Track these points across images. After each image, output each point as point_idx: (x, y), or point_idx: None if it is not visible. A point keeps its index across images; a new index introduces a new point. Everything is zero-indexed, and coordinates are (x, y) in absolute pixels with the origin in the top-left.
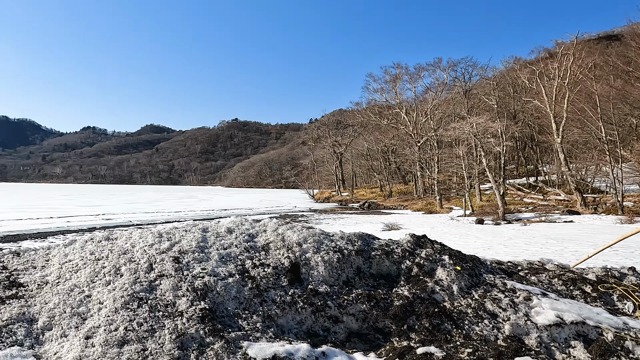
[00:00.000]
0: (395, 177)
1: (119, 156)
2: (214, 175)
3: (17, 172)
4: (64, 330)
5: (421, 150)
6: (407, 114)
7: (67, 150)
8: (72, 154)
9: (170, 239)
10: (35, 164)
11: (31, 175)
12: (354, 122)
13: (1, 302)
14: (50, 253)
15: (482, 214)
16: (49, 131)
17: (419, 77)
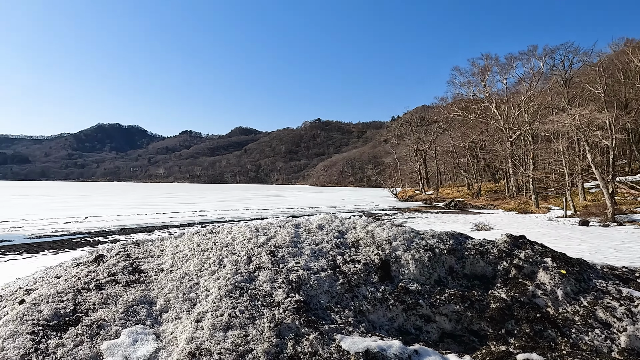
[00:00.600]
0: (484, 175)
1: (212, 157)
2: (298, 174)
3: (128, 173)
4: (177, 313)
5: (514, 145)
6: (497, 108)
7: (168, 152)
8: (172, 156)
9: (266, 233)
10: (142, 165)
11: (139, 175)
12: (438, 118)
13: (127, 285)
14: (164, 244)
15: (587, 215)
16: (154, 136)
17: (510, 68)
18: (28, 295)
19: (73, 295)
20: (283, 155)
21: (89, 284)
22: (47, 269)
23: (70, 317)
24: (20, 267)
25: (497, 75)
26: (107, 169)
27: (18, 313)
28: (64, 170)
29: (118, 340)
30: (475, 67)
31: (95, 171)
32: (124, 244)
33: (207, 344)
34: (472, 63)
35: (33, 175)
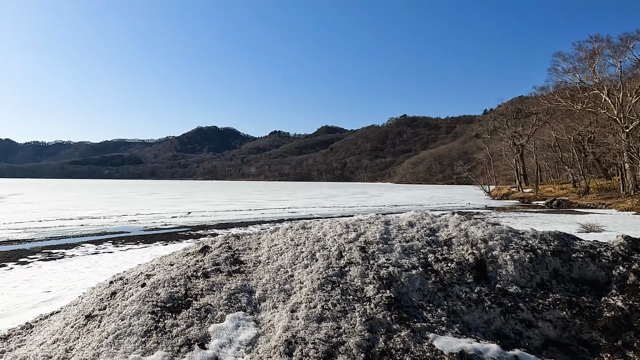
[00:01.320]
0: (592, 171)
1: (300, 156)
2: (384, 171)
3: (223, 172)
4: (274, 303)
5: (631, 137)
6: (609, 95)
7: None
8: (262, 156)
9: (356, 230)
10: (236, 164)
11: (233, 174)
12: (537, 110)
13: (229, 274)
14: (260, 237)
15: None
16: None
17: (626, 49)
18: (148, 279)
19: (184, 281)
20: (368, 153)
21: (197, 272)
22: (162, 257)
23: (183, 300)
24: (138, 255)
25: (608, 59)
26: (205, 168)
27: (140, 295)
28: (169, 170)
29: (223, 324)
30: (582, 51)
31: (196, 170)
32: (225, 237)
33: (302, 333)
34: (579, 47)
35: (145, 175)
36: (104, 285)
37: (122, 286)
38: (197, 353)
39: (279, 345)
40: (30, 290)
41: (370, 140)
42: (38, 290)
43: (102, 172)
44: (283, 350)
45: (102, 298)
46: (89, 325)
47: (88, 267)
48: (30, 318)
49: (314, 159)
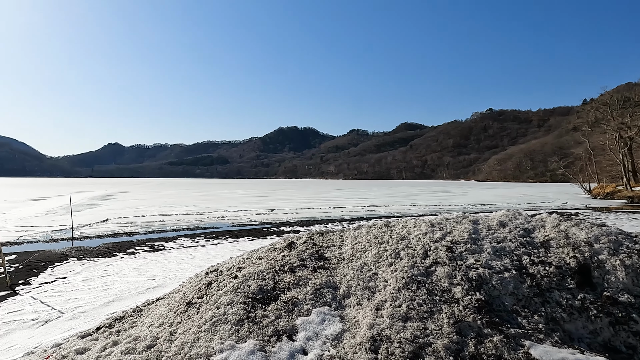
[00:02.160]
0: None
1: (378, 154)
2: (467, 169)
3: (303, 171)
4: (358, 300)
5: None
6: None
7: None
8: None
9: (442, 229)
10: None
11: (313, 172)
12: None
13: (314, 270)
14: (344, 235)
15: None
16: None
17: None
18: (239, 272)
19: (272, 275)
20: (450, 150)
21: (284, 267)
22: (252, 251)
23: (271, 293)
24: (227, 249)
25: None
26: (286, 167)
27: (233, 286)
28: (253, 169)
29: (309, 318)
30: None
31: (277, 169)
32: (310, 234)
33: (387, 331)
34: None
35: (231, 174)
36: (200, 275)
37: (217, 277)
38: (285, 344)
39: (365, 342)
40: (137, 277)
41: (452, 137)
42: (144, 278)
43: (194, 171)
44: (368, 347)
45: (199, 287)
46: (189, 311)
47: (185, 258)
48: (139, 302)
49: (393, 156)
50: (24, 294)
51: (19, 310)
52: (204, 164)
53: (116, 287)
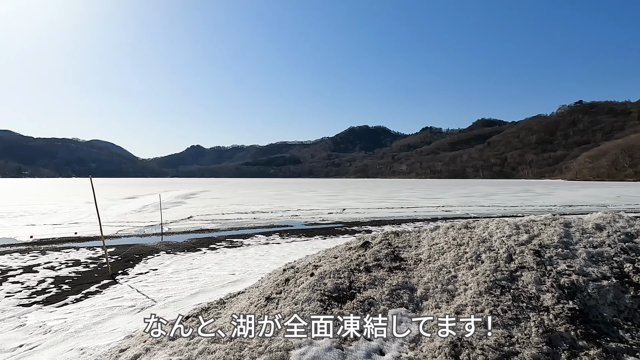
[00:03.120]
0: None
1: (453, 152)
2: (553, 167)
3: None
4: (437, 302)
5: None
6: None
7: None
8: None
9: (528, 231)
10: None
11: (384, 172)
12: None
13: (390, 270)
14: (420, 235)
15: None
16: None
17: None
18: (315, 270)
19: (348, 274)
20: (533, 147)
21: (359, 266)
22: (327, 250)
23: (347, 292)
24: (301, 247)
25: None
26: (357, 167)
27: (310, 283)
28: (324, 168)
29: (386, 318)
30: None
31: (348, 169)
32: (385, 234)
33: (468, 336)
34: None
35: (303, 174)
36: (278, 272)
37: (294, 274)
38: (362, 343)
39: (444, 346)
40: (219, 272)
41: (535, 132)
42: (225, 273)
43: (268, 171)
44: (448, 352)
45: (277, 283)
46: (268, 306)
47: (262, 255)
48: (222, 295)
49: (468, 154)
50: (122, 283)
51: (119, 298)
52: (277, 164)
53: (201, 280)
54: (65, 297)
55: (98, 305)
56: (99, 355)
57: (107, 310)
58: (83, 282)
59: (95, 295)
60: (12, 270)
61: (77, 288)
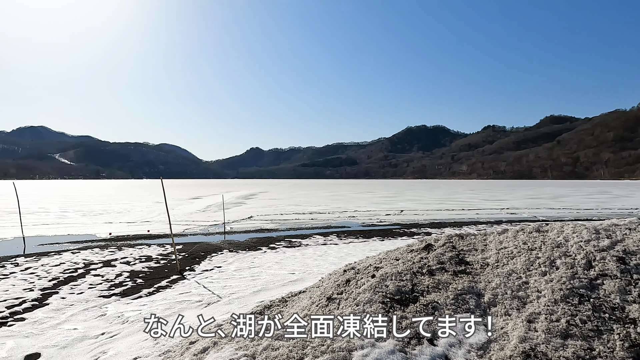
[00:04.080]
0: None
1: (518, 151)
2: (633, 166)
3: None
4: (506, 310)
5: None
6: None
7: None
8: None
9: (609, 236)
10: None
11: (443, 172)
12: None
13: (454, 274)
14: (486, 239)
15: None
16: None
17: None
18: (376, 271)
19: (410, 276)
20: (610, 144)
21: (422, 269)
22: (388, 251)
23: (409, 294)
24: (359, 248)
25: None
26: (415, 167)
27: (371, 285)
28: (381, 169)
29: (451, 323)
30: None
31: (405, 169)
32: (449, 236)
33: (543, 347)
34: None
35: (360, 174)
36: (338, 272)
37: (355, 275)
38: (426, 348)
39: (515, 355)
40: (279, 271)
41: (613, 129)
42: (285, 272)
43: (324, 172)
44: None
45: (338, 284)
46: (329, 306)
47: (320, 255)
48: (283, 293)
49: (535, 154)
50: (190, 279)
51: (187, 292)
52: (334, 165)
53: (262, 278)
54: (139, 290)
55: (169, 299)
56: (171, 346)
57: (177, 304)
58: (155, 276)
59: (165, 289)
60: (94, 264)
61: (149, 282)
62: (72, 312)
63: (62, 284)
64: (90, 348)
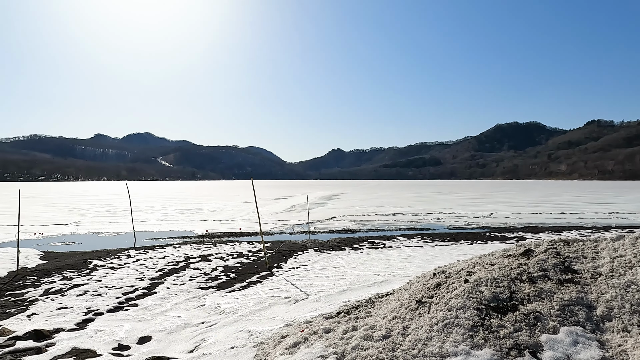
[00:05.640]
0: None
1: (629, 149)
2: None
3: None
4: (624, 325)
5: None
6: None
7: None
8: (575, 151)
9: None
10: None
11: (538, 173)
12: None
13: (560, 283)
14: (598, 246)
15: None
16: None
17: None
18: (469, 276)
19: (507, 283)
20: None
21: (521, 275)
22: (481, 256)
23: (507, 302)
24: (446, 252)
25: None
26: (505, 167)
27: (464, 290)
28: (467, 170)
29: (557, 336)
30: None
31: (495, 170)
32: (552, 242)
33: None
34: None
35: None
36: (428, 276)
37: (445, 279)
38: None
39: None
40: (364, 272)
41: None
42: (370, 273)
43: (407, 173)
44: None
45: (428, 287)
46: (419, 309)
47: (405, 258)
48: (369, 294)
49: None
50: (278, 276)
51: (276, 289)
52: (416, 165)
53: (347, 278)
54: (233, 284)
55: (259, 294)
56: (264, 338)
57: (267, 299)
58: (246, 272)
59: (256, 284)
60: (193, 258)
61: (241, 277)
62: (175, 301)
63: (167, 275)
64: (192, 335)
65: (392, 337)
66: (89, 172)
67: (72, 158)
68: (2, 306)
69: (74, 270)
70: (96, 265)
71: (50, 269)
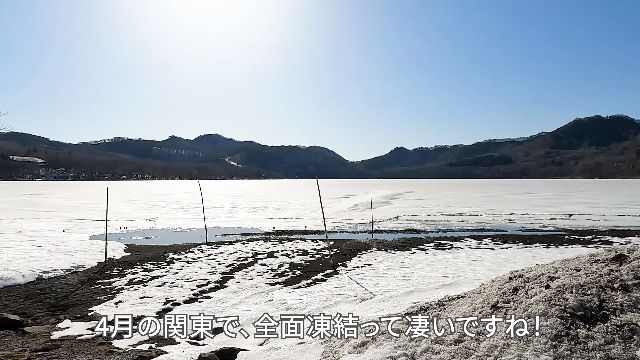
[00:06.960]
0: None
1: None
2: None
3: (610, 169)
4: None
5: None
6: None
7: None
8: None
9: None
10: (628, 159)
11: (625, 171)
12: None
13: None
14: None
15: None
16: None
17: None
18: (551, 281)
19: (596, 291)
20: None
21: (612, 283)
22: (564, 260)
23: (597, 312)
24: (519, 255)
25: None
26: (585, 165)
27: (545, 296)
28: (541, 168)
29: None
30: None
31: (573, 168)
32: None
33: None
34: None
35: (515, 174)
36: (503, 279)
37: (523, 284)
38: None
39: None
40: (431, 273)
41: None
42: (437, 275)
43: (474, 172)
44: None
45: (504, 292)
46: (495, 315)
47: (474, 260)
48: (437, 296)
49: None
50: (342, 274)
51: (341, 287)
52: (485, 164)
53: (414, 279)
54: (298, 281)
55: (325, 292)
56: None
57: (333, 297)
58: (311, 269)
59: (321, 282)
60: (260, 254)
61: (307, 274)
62: (245, 295)
63: (236, 270)
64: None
65: (464, 342)
66: (165, 171)
67: (149, 159)
68: (94, 293)
69: (153, 263)
70: (172, 258)
71: (133, 260)
